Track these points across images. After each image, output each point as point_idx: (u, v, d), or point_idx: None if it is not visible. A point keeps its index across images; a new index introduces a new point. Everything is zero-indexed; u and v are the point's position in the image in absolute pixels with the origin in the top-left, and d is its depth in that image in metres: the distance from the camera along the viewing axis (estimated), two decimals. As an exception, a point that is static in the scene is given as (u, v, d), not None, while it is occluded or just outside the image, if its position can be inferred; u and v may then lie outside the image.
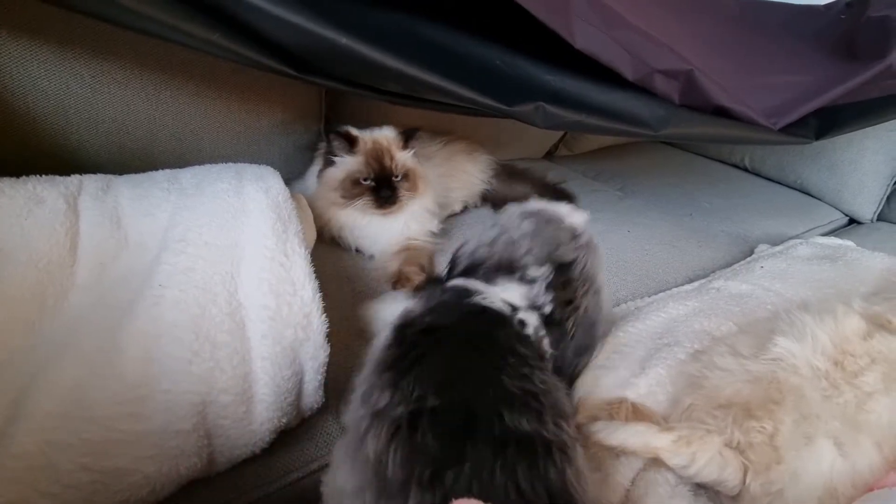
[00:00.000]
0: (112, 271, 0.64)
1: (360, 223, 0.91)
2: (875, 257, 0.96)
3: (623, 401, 0.63)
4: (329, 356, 0.59)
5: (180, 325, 0.54)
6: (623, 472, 0.57)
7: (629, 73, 0.74)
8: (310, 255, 0.64)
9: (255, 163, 0.79)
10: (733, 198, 1.39)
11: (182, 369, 0.52)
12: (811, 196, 1.50)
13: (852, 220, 1.47)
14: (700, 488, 0.57)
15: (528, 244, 0.59)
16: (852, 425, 0.51)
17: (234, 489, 0.55)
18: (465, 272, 0.61)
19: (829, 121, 0.93)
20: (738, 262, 1.07)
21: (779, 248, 1.06)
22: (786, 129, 0.87)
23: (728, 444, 0.54)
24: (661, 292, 0.96)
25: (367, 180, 0.87)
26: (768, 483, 0.51)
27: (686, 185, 1.44)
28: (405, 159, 0.92)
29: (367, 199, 0.87)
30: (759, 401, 0.55)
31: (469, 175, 1.11)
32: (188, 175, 0.75)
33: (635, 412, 0.61)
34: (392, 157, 0.90)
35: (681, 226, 1.19)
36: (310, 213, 0.85)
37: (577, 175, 1.41)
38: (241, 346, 0.55)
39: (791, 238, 1.21)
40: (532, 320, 0.55)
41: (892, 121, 0.99)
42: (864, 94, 0.89)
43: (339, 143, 0.86)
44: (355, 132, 0.89)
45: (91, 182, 0.71)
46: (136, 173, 0.77)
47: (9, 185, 0.64)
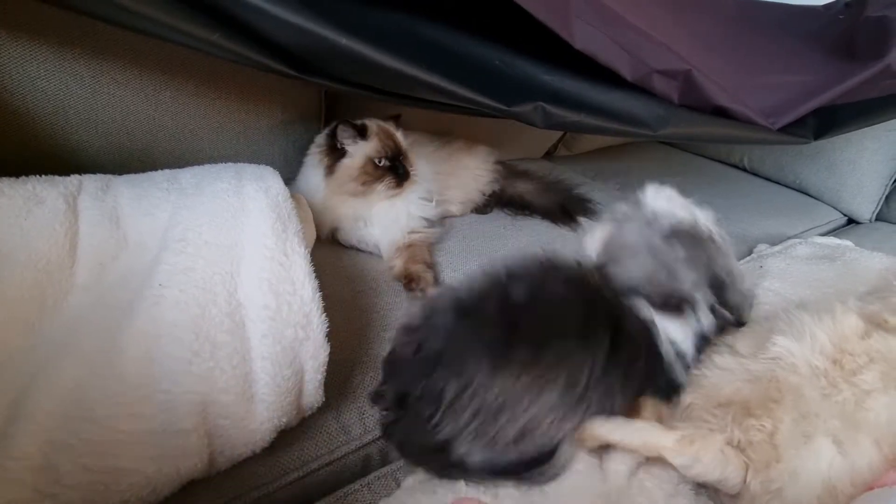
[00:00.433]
0: (112, 271, 0.64)
1: (371, 212, 0.93)
2: (874, 257, 0.96)
3: None
4: (329, 355, 0.59)
5: (180, 324, 0.54)
6: (621, 467, 0.57)
7: (628, 73, 0.74)
8: (309, 255, 0.64)
9: (255, 163, 0.79)
10: (732, 197, 1.39)
11: (182, 369, 0.52)
12: (810, 196, 1.50)
13: (851, 220, 1.47)
14: (701, 487, 0.57)
15: (688, 273, 0.57)
16: (851, 424, 0.51)
17: (234, 489, 0.55)
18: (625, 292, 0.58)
19: (828, 121, 0.93)
20: (737, 261, 1.07)
21: (778, 248, 1.07)
22: (784, 129, 0.87)
23: (729, 443, 0.54)
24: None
25: (382, 161, 0.90)
26: (768, 481, 0.52)
27: (685, 185, 1.42)
28: (402, 138, 0.95)
29: (388, 179, 0.90)
30: (758, 399, 0.55)
31: (469, 172, 1.11)
32: (188, 175, 0.75)
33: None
34: (397, 136, 0.93)
35: (680, 226, 1.19)
36: (309, 212, 0.85)
37: (576, 175, 1.41)
38: (241, 346, 0.55)
39: (790, 238, 1.21)
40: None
41: (890, 121, 0.99)
42: (863, 94, 0.89)
43: (349, 133, 0.88)
44: (358, 121, 0.91)
45: (90, 182, 0.71)
46: (135, 173, 0.77)
47: (8, 186, 0.64)
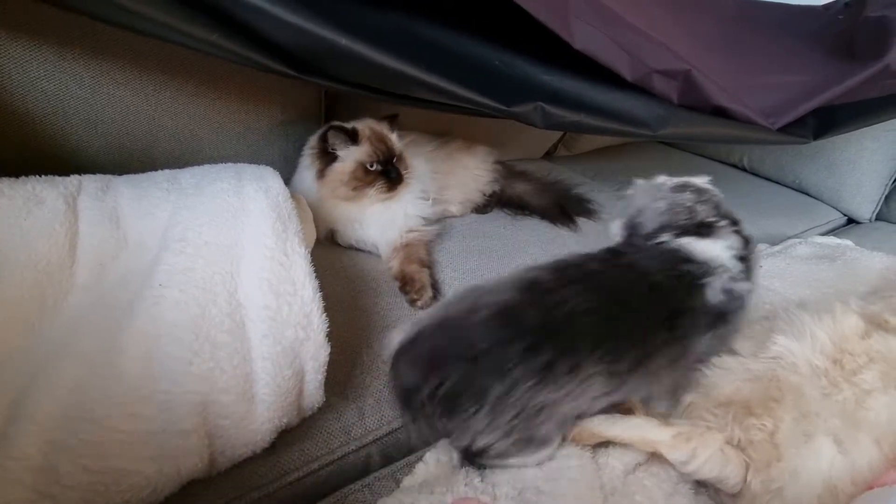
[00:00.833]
0: (112, 271, 0.64)
1: (366, 214, 0.92)
2: (873, 257, 0.97)
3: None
4: (329, 355, 0.59)
5: (180, 325, 0.54)
6: (618, 465, 0.57)
7: (628, 74, 0.74)
8: (310, 255, 0.64)
9: (255, 163, 0.79)
10: (732, 198, 1.36)
11: (182, 369, 0.51)
12: (810, 196, 1.50)
13: (851, 220, 1.48)
14: (700, 486, 0.57)
15: (702, 207, 0.72)
16: (851, 423, 0.51)
17: (234, 489, 0.55)
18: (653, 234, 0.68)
19: (828, 121, 0.93)
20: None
21: (778, 248, 1.07)
22: (784, 129, 0.87)
23: (729, 442, 0.54)
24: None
25: (373, 166, 0.89)
26: (769, 481, 0.52)
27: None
28: (396, 140, 0.94)
29: (379, 184, 0.89)
30: (759, 399, 0.56)
31: (468, 172, 1.11)
32: (188, 175, 0.75)
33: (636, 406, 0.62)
34: (390, 139, 0.93)
35: (680, 226, 1.19)
36: (309, 212, 0.85)
37: (576, 175, 1.41)
38: (241, 346, 0.55)
39: (790, 238, 1.21)
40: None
41: (890, 121, 0.99)
42: (863, 93, 0.89)
43: (341, 138, 0.87)
44: (349, 125, 0.90)
45: (90, 182, 0.71)
46: (135, 174, 0.77)
47: (8, 186, 0.63)
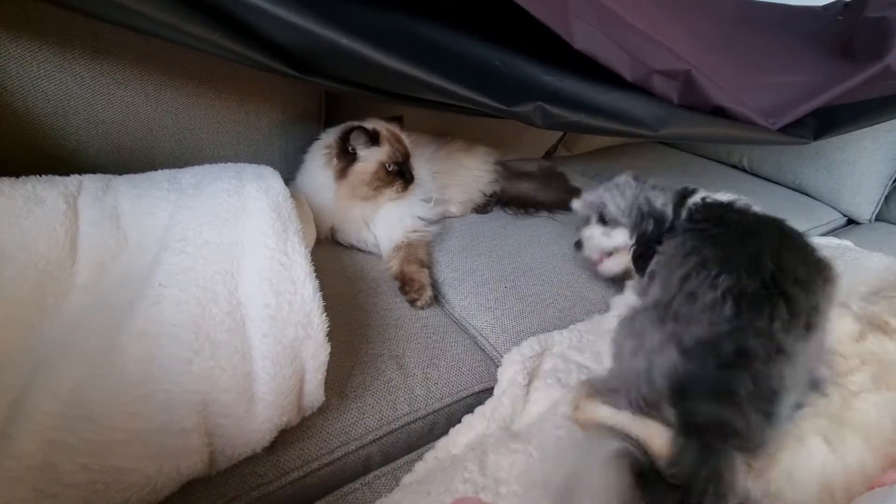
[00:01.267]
0: (112, 271, 0.64)
1: (379, 213, 0.93)
2: (873, 257, 0.97)
3: None
4: (329, 355, 0.59)
5: (181, 324, 0.54)
6: None
7: (628, 74, 0.74)
8: (310, 255, 0.64)
9: (255, 163, 0.79)
10: None
11: (182, 369, 0.51)
12: (809, 196, 1.50)
13: (850, 221, 1.48)
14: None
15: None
16: (839, 423, 0.52)
17: (234, 489, 0.55)
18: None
19: (828, 121, 0.93)
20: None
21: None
22: (784, 130, 0.87)
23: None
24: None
25: (391, 166, 0.90)
26: (766, 484, 0.52)
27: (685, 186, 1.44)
28: (408, 141, 0.95)
29: (398, 184, 0.90)
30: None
31: (469, 172, 1.11)
32: (188, 175, 0.75)
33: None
34: (404, 140, 0.94)
35: (680, 226, 1.19)
36: (310, 212, 0.85)
37: (576, 175, 1.41)
38: (241, 345, 0.55)
39: (789, 238, 1.21)
40: None
41: (890, 121, 0.99)
42: (863, 94, 0.89)
43: (363, 138, 0.88)
44: (369, 126, 0.91)
45: (91, 182, 0.71)
46: (135, 173, 0.77)
47: (8, 186, 0.64)
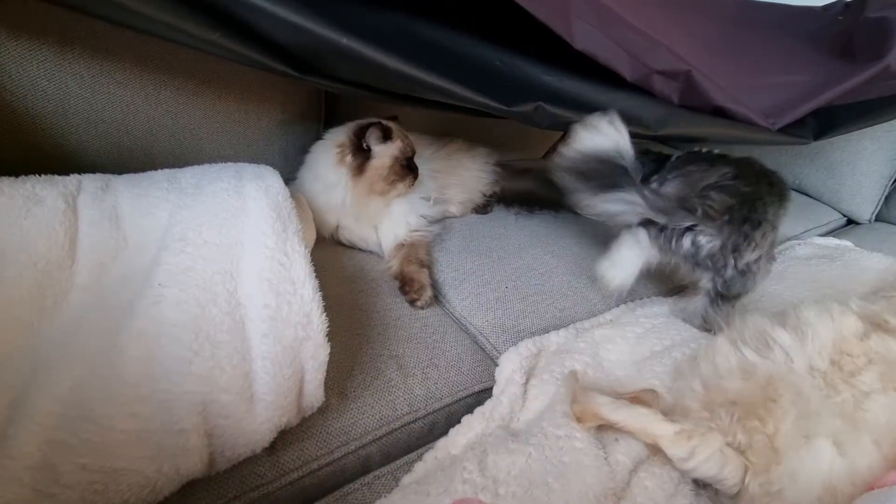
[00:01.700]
0: (111, 271, 0.64)
1: (390, 210, 0.93)
2: (873, 257, 0.97)
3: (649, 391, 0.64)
4: (329, 355, 0.59)
5: (180, 324, 0.54)
6: (625, 459, 0.57)
7: (628, 74, 0.74)
8: (309, 255, 0.64)
9: (255, 162, 0.79)
10: None
11: (182, 369, 0.51)
12: (809, 196, 1.50)
13: (850, 221, 1.48)
14: (701, 488, 0.57)
15: None
16: (851, 424, 0.51)
17: (233, 489, 0.55)
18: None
19: (828, 121, 0.93)
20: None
21: (777, 249, 1.07)
22: (784, 130, 0.87)
23: (730, 444, 0.54)
24: (661, 293, 0.96)
25: (403, 161, 0.91)
26: (768, 483, 0.52)
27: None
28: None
29: (409, 178, 0.91)
30: (759, 400, 0.56)
31: (469, 172, 1.11)
32: (187, 175, 0.75)
33: (640, 400, 0.62)
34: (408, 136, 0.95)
35: (680, 226, 1.18)
36: (310, 212, 0.85)
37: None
38: (241, 346, 0.55)
39: (789, 239, 1.22)
40: None
41: (890, 121, 0.99)
42: (863, 94, 0.90)
43: (377, 135, 0.89)
44: (383, 122, 0.91)
45: (90, 182, 0.70)
46: (135, 173, 0.77)
47: (8, 185, 0.63)
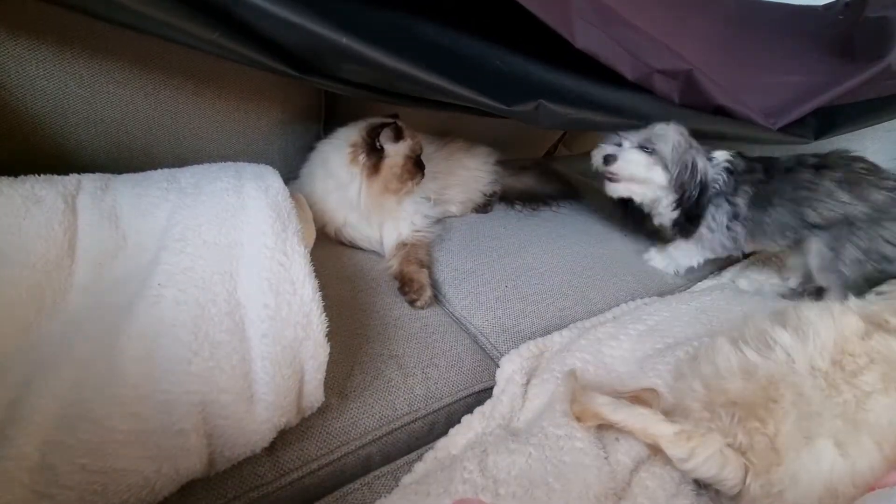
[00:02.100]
0: (111, 271, 0.63)
1: (401, 209, 0.94)
2: (874, 257, 0.96)
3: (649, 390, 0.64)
4: (329, 355, 0.59)
5: (180, 324, 0.53)
6: (626, 459, 0.57)
7: (629, 73, 0.74)
8: (309, 255, 0.64)
9: (255, 162, 0.79)
10: None
11: (182, 369, 0.51)
12: (810, 196, 1.50)
13: (851, 221, 1.47)
14: (702, 489, 0.57)
15: None
16: (853, 424, 0.51)
17: (233, 489, 0.55)
18: None
19: (828, 121, 0.93)
20: (737, 262, 1.07)
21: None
22: (785, 129, 0.87)
23: (730, 445, 0.54)
24: (661, 292, 0.96)
25: (413, 159, 0.91)
26: (769, 484, 0.51)
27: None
28: None
29: (419, 176, 0.92)
30: (759, 400, 0.55)
31: (469, 172, 1.11)
32: (187, 174, 0.74)
33: (640, 399, 0.62)
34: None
35: (680, 226, 1.18)
36: (309, 212, 0.85)
37: (576, 175, 1.41)
38: (240, 346, 0.55)
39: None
40: None
41: (890, 121, 0.99)
42: (863, 94, 0.90)
43: (390, 134, 0.89)
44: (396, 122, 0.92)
45: (89, 182, 0.70)
46: (134, 173, 0.76)
47: (7, 185, 0.63)
